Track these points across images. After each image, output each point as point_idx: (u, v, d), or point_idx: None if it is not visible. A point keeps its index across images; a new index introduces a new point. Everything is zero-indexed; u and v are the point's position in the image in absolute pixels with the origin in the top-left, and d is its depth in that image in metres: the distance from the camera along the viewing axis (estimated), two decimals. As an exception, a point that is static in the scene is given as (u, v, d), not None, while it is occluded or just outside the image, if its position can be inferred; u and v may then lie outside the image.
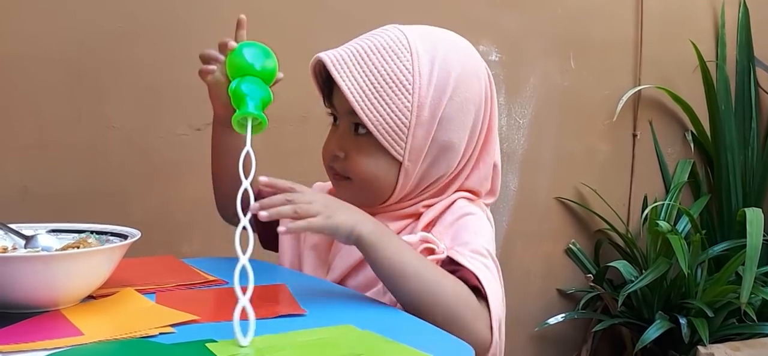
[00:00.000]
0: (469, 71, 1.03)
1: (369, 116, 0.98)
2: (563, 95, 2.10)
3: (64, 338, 0.75)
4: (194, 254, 1.62)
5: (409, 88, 0.99)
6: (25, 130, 1.53)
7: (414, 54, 1.00)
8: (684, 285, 1.96)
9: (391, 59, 1.00)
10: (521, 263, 2.08)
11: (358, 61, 1.00)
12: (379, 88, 0.99)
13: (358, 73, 0.99)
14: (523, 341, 2.10)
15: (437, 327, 0.88)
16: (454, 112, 1.01)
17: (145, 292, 0.92)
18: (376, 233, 0.93)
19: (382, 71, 0.99)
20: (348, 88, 0.99)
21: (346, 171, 1.04)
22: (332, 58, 1.01)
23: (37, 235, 0.94)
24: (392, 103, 0.99)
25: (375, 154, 1.01)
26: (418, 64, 0.99)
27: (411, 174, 1.02)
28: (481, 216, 1.05)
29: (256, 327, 0.75)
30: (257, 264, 1.15)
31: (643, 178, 2.21)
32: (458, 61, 1.03)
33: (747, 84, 2.24)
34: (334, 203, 0.94)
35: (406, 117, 0.99)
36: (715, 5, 2.26)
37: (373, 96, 0.99)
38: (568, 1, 2.08)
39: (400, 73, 0.99)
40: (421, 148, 1.00)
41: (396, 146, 1.00)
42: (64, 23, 1.54)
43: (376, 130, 0.99)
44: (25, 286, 0.81)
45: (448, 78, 1.00)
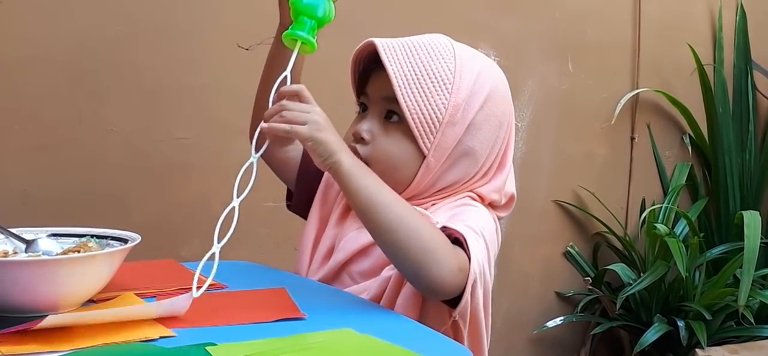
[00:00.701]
0: (501, 90, 1.09)
1: (408, 103, 1.03)
2: (561, 98, 2.10)
3: (65, 341, 0.76)
4: (194, 257, 1.61)
5: (450, 87, 1.04)
6: (25, 133, 1.53)
7: (458, 59, 1.06)
8: (682, 288, 1.96)
9: (436, 57, 1.05)
10: (520, 266, 2.08)
11: (406, 51, 1.05)
12: (422, 80, 1.03)
13: (404, 62, 1.04)
14: (522, 344, 2.10)
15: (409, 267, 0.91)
16: (482, 121, 1.05)
17: (145, 296, 0.93)
18: (358, 165, 0.97)
19: (427, 65, 1.04)
20: (394, 72, 1.03)
21: (369, 154, 1.06)
22: (383, 44, 1.05)
23: (38, 239, 0.94)
24: (431, 96, 1.03)
25: (402, 141, 1.05)
26: (460, 67, 1.05)
27: (431, 170, 1.05)
28: (483, 211, 1.07)
29: (256, 330, 0.75)
30: (257, 267, 1.16)
31: (641, 181, 2.21)
32: (493, 78, 1.09)
33: (744, 87, 2.24)
34: (327, 124, 0.97)
35: (441, 113, 1.03)
36: (712, 9, 2.27)
37: (415, 86, 1.03)
38: (566, 5, 2.09)
39: (443, 72, 1.04)
40: (447, 147, 1.04)
41: (426, 138, 1.03)
42: (64, 26, 1.55)
43: (411, 118, 1.03)
44: (26, 290, 0.81)
45: (483, 89, 1.06)
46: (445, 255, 0.93)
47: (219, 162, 1.65)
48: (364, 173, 0.97)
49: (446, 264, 0.93)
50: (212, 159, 1.68)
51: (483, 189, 1.09)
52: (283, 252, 1.70)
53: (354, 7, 1.80)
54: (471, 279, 0.94)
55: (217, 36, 1.69)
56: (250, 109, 1.17)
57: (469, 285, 0.95)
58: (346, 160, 0.96)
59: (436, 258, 0.92)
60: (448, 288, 0.94)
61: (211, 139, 1.68)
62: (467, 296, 0.95)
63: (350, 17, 1.79)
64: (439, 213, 1.04)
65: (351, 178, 0.96)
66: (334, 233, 1.10)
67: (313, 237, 1.13)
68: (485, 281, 0.98)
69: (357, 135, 1.07)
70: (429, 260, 0.92)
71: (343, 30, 1.78)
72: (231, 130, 1.61)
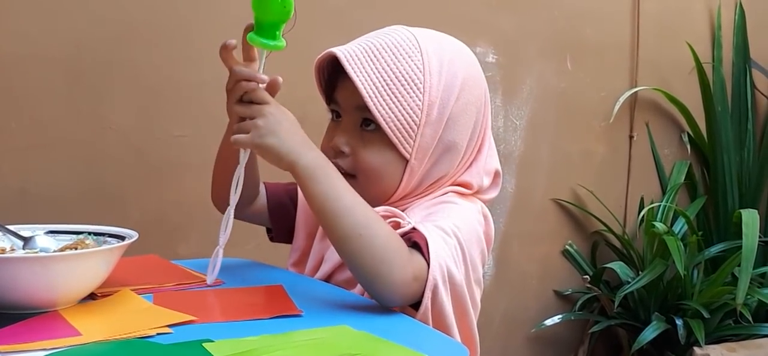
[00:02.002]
0: (473, 74, 1.06)
1: (381, 112, 0.99)
2: (560, 97, 2.10)
3: (62, 338, 0.76)
4: (191, 255, 1.62)
5: (421, 86, 1.00)
6: (23, 131, 1.53)
7: (424, 54, 1.02)
8: (680, 287, 1.96)
9: (402, 58, 1.01)
10: (518, 264, 2.08)
11: (370, 57, 1.01)
12: (391, 85, 1.00)
13: (370, 69, 1.00)
14: (520, 342, 2.10)
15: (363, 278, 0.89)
16: (459, 113, 1.03)
17: (142, 293, 0.93)
18: (313, 166, 0.92)
19: (394, 68, 1.01)
20: (362, 82, 0.99)
21: (352, 167, 1.04)
22: (346, 53, 1.01)
23: (35, 236, 0.94)
24: (403, 100, 1.00)
25: (382, 150, 1.02)
26: (428, 64, 1.01)
27: (415, 172, 1.03)
28: (464, 208, 1.04)
29: (252, 327, 0.75)
30: (255, 265, 1.16)
31: (640, 180, 2.21)
32: (463, 63, 1.05)
33: (743, 86, 2.25)
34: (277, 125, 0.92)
35: (416, 115, 1.00)
36: (711, 7, 2.27)
37: (386, 92, 1.00)
38: (565, 3, 2.09)
39: (412, 72, 1.01)
40: (427, 147, 1.02)
41: (405, 143, 1.01)
42: (62, 23, 1.55)
43: (387, 126, 1.00)
44: (24, 287, 0.82)
45: (455, 79, 1.02)
46: (399, 265, 0.89)
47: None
48: (321, 174, 0.92)
49: (399, 275, 0.89)
50: (210, 157, 1.66)
51: (468, 177, 1.06)
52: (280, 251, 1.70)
53: (352, 6, 1.80)
54: (430, 285, 0.91)
55: (215, 33, 1.67)
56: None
57: (427, 291, 0.91)
58: (302, 160, 0.91)
59: (389, 269, 0.88)
60: (401, 300, 0.91)
61: (209, 136, 1.66)
62: (427, 302, 0.91)
63: (346, 14, 1.81)
64: (415, 212, 1.02)
65: (306, 183, 0.92)
66: (322, 247, 1.09)
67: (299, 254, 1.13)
68: (454, 283, 0.94)
69: (336, 149, 1.04)
70: (381, 271, 0.88)
71: (338, 26, 1.79)
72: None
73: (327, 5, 1.77)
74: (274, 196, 1.17)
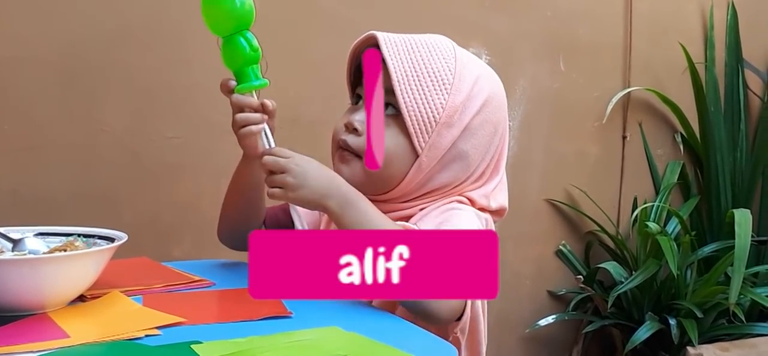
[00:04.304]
0: (498, 97, 1.09)
1: (405, 99, 1.02)
2: (553, 97, 2.10)
3: (50, 340, 0.76)
4: (185, 257, 1.62)
5: (449, 87, 1.03)
6: (15, 133, 1.53)
7: (458, 60, 1.06)
8: (673, 286, 1.97)
9: (437, 56, 1.05)
10: (512, 265, 2.09)
11: (407, 47, 1.05)
12: (421, 77, 1.03)
13: (405, 58, 1.03)
14: (514, 343, 2.10)
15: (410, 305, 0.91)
16: (478, 126, 1.05)
17: (132, 294, 0.93)
18: (343, 203, 0.97)
19: (427, 63, 1.04)
20: (394, 67, 1.03)
21: (360, 147, 1.05)
22: (385, 38, 1.04)
23: (25, 239, 0.94)
24: (429, 94, 1.03)
25: (396, 136, 1.04)
26: (460, 69, 1.05)
27: (423, 170, 1.04)
28: (470, 213, 1.06)
29: (242, 328, 0.75)
30: (245, 266, 1.16)
31: (633, 180, 2.22)
32: (491, 84, 1.09)
33: (736, 85, 2.25)
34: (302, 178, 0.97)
35: (438, 112, 1.03)
36: (703, 7, 2.27)
37: (414, 82, 1.03)
38: (558, 4, 2.09)
39: (443, 72, 1.04)
40: (441, 148, 1.04)
41: (421, 136, 1.03)
42: (55, 25, 1.55)
43: (408, 114, 1.02)
44: (12, 289, 0.82)
45: (481, 93, 1.06)
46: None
47: (210, 162, 1.65)
48: (350, 210, 0.97)
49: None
50: (204, 159, 1.68)
51: (473, 194, 1.08)
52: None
53: (345, 6, 1.80)
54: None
55: (209, 35, 1.69)
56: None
57: (468, 304, 0.95)
58: (330, 203, 0.97)
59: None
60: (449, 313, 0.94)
61: (203, 139, 1.68)
62: (467, 314, 0.95)
63: (341, 16, 1.80)
64: (426, 221, 1.03)
65: (339, 221, 0.97)
66: None
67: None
68: None
69: (350, 125, 1.06)
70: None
71: (334, 28, 1.79)
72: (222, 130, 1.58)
73: (318, 7, 1.77)
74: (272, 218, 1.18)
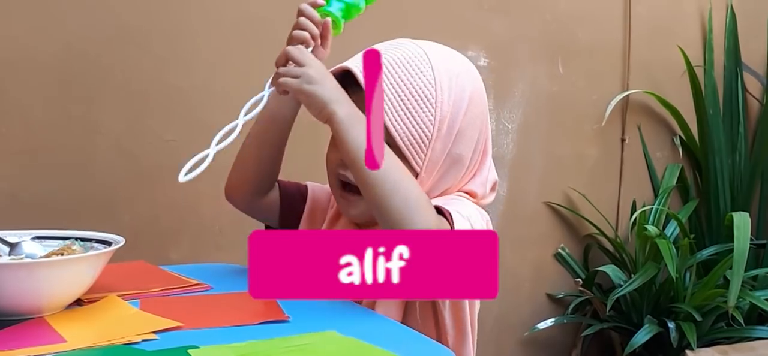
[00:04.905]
0: (478, 88, 1.09)
1: (395, 125, 1.02)
2: (552, 100, 2.10)
3: (47, 345, 0.75)
4: (183, 259, 1.62)
5: (433, 101, 1.03)
6: (12, 136, 1.53)
7: (435, 70, 1.04)
8: (672, 290, 1.96)
9: (414, 73, 1.04)
10: (510, 268, 2.08)
11: (385, 71, 1.04)
12: (405, 99, 1.02)
13: (385, 84, 1.03)
14: (513, 346, 2.10)
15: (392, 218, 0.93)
16: (467, 126, 1.05)
17: (129, 298, 0.92)
18: (351, 117, 0.97)
19: (407, 83, 1.03)
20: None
21: None
22: (360, 68, 1.03)
23: (22, 242, 0.94)
24: (416, 115, 1.02)
25: None
26: (439, 80, 1.04)
27: (424, 185, 1.05)
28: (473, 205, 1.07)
29: (239, 333, 0.75)
30: (243, 270, 1.16)
31: (632, 183, 2.21)
32: (470, 78, 1.08)
33: (734, 89, 2.25)
34: (321, 78, 0.97)
35: (428, 130, 1.03)
36: (702, 10, 2.27)
37: (400, 107, 1.02)
38: (557, 7, 2.09)
39: (424, 88, 1.03)
40: (437, 160, 1.04)
41: (417, 157, 1.03)
42: (52, 28, 1.55)
43: (401, 140, 1.02)
44: (9, 293, 0.81)
45: (464, 94, 1.05)
46: (426, 213, 0.94)
47: (208, 165, 1.65)
48: (357, 124, 0.96)
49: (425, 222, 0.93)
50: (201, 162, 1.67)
51: (472, 187, 1.09)
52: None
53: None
54: None
55: (206, 38, 1.69)
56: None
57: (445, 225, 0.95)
58: (340, 110, 0.96)
59: (417, 215, 0.93)
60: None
61: (200, 141, 1.67)
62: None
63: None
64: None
65: (342, 128, 0.96)
66: None
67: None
68: None
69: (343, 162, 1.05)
70: (412, 213, 0.93)
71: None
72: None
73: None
74: (287, 191, 1.18)
